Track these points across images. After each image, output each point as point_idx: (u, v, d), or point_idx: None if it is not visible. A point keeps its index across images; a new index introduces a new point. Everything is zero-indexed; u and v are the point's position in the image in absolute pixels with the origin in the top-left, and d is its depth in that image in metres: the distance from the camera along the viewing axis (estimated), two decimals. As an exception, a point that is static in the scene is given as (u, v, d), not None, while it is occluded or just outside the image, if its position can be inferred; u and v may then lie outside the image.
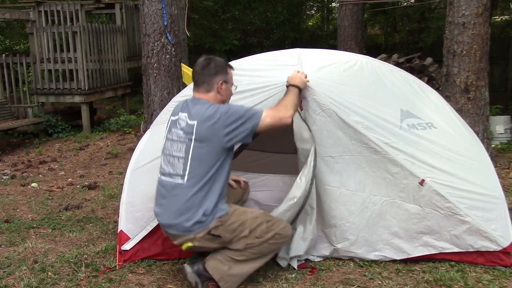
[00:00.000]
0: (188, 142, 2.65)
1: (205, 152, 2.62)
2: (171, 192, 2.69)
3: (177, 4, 6.11)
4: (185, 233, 2.66)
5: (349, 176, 3.04)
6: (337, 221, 3.09)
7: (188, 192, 2.62)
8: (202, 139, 2.63)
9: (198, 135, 2.63)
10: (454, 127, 3.26)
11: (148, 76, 5.76)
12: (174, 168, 2.69)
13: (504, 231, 3.02)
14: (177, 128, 2.73)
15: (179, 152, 2.68)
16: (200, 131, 2.63)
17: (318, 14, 17.90)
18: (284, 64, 3.20)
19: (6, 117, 8.09)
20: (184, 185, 2.64)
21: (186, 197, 2.62)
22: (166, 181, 2.73)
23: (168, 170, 2.73)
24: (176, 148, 2.70)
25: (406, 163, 2.97)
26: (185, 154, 2.65)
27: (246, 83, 3.09)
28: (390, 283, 2.91)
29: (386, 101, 3.15)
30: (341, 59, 3.32)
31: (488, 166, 3.24)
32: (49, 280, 3.03)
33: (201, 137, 2.63)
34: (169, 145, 2.76)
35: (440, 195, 2.95)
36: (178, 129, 2.72)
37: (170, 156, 2.73)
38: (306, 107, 2.99)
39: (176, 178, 2.68)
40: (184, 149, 2.66)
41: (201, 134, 2.63)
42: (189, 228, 2.63)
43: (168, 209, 2.70)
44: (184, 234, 2.67)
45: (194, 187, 2.62)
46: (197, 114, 2.67)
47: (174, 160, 2.70)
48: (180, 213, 2.64)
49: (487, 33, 5.44)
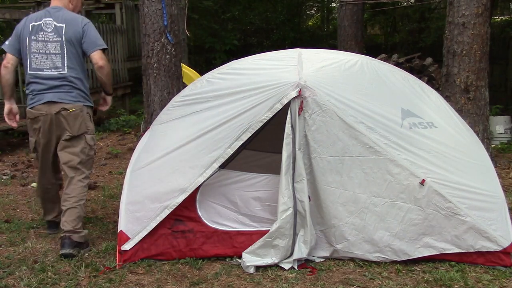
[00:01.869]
0: (61, 41, 3.40)
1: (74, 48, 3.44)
2: (56, 82, 3.40)
3: (177, 4, 6.10)
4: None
5: (349, 177, 3.04)
6: (337, 221, 3.08)
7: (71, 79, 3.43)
8: (70, 39, 3.41)
9: (68, 35, 3.40)
10: (455, 127, 3.27)
11: (148, 76, 5.75)
12: (54, 62, 3.38)
13: (504, 231, 3.02)
14: (45, 31, 3.39)
15: (55, 50, 3.39)
16: (68, 32, 3.40)
17: (318, 14, 17.90)
18: (284, 64, 3.20)
19: (6, 117, 8.07)
20: (67, 74, 3.41)
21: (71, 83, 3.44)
22: (47, 74, 3.40)
23: (49, 65, 3.39)
24: (51, 47, 3.39)
25: (406, 163, 2.97)
26: (61, 50, 3.39)
27: (245, 83, 3.10)
28: (390, 283, 2.91)
29: (387, 100, 3.16)
30: (341, 59, 3.33)
31: (488, 166, 3.25)
32: (49, 280, 3.03)
33: (69, 37, 3.41)
34: (41, 45, 3.39)
35: (441, 195, 2.95)
36: (48, 32, 3.38)
37: (46, 54, 3.39)
38: (306, 107, 2.99)
39: (58, 70, 3.40)
40: (59, 46, 3.39)
41: (69, 35, 3.40)
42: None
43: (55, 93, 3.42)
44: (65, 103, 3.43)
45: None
46: (62, 18, 3.42)
47: (51, 56, 3.39)
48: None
49: (487, 33, 5.45)
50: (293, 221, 3.03)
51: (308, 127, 3.03)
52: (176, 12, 5.87)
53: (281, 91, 2.99)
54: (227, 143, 3.06)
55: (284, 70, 3.12)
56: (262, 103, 3.03)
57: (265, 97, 3.03)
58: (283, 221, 2.99)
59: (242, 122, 3.05)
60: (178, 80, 5.79)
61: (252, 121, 3.05)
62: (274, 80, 3.06)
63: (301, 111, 2.99)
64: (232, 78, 3.29)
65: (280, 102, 3.01)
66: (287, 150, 3.00)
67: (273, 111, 3.03)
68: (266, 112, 3.03)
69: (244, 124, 3.05)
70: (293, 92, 2.99)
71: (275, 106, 3.02)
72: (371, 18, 14.71)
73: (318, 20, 17.86)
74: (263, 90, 3.05)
